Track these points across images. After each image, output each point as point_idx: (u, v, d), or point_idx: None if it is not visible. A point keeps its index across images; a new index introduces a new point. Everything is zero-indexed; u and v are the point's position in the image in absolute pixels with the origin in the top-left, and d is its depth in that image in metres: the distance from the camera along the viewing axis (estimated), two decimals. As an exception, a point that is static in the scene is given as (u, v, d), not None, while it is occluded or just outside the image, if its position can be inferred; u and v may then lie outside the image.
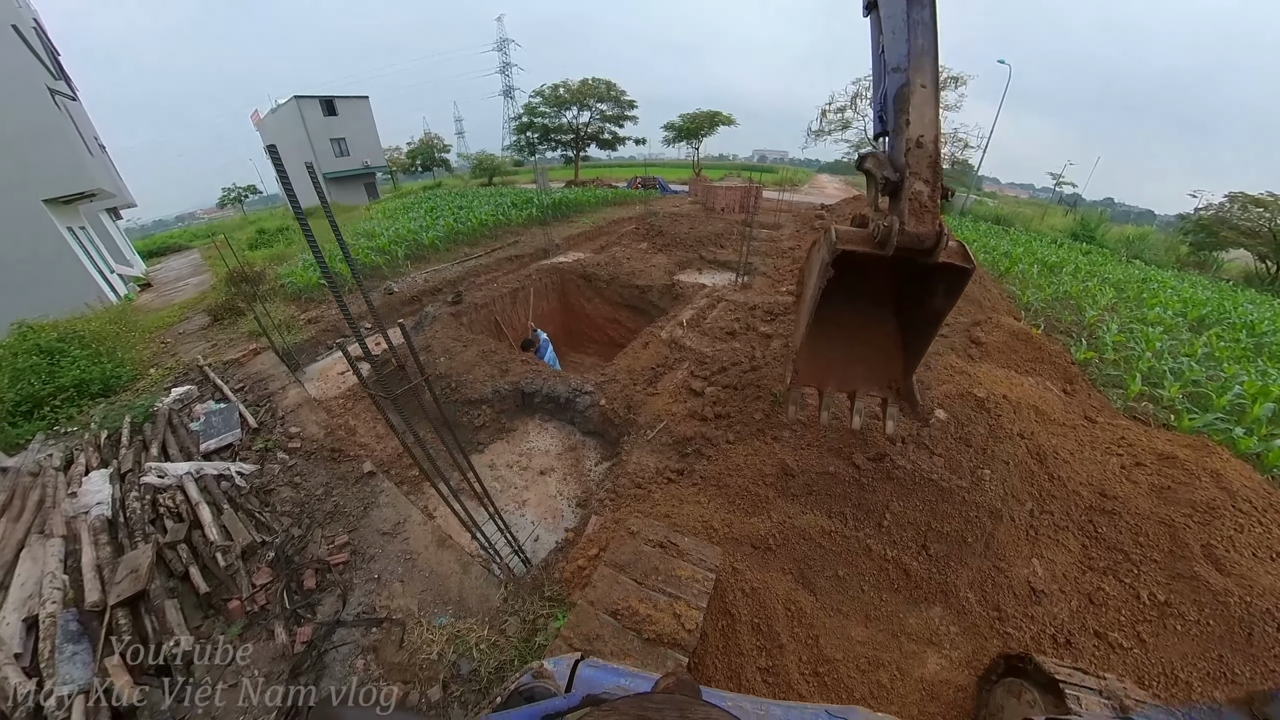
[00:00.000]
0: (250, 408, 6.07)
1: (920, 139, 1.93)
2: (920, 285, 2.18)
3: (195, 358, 7.72)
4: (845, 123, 28.76)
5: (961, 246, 1.93)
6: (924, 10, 1.99)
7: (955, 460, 3.06)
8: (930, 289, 2.11)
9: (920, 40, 1.99)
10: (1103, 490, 3.01)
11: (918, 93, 1.95)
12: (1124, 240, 26.85)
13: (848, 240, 1.97)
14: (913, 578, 2.64)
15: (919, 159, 1.92)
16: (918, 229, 1.86)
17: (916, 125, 1.94)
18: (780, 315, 7.00)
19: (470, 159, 45.72)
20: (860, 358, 2.40)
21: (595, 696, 0.88)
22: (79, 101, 17.23)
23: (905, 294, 2.38)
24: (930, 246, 1.86)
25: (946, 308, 2.05)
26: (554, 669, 1.06)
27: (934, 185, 1.90)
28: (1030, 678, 2.24)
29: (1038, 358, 4.95)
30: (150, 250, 23.60)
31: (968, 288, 2.94)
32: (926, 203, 1.88)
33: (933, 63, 1.99)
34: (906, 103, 1.97)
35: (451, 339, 6.61)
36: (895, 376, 2.36)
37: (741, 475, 3.41)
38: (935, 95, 1.97)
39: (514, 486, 4.62)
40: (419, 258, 11.82)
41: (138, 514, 4.28)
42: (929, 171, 1.91)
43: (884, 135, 2.23)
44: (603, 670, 1.09)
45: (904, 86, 2.00)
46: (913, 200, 1.89)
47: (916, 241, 1.87)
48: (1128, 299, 11.14)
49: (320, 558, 3.78)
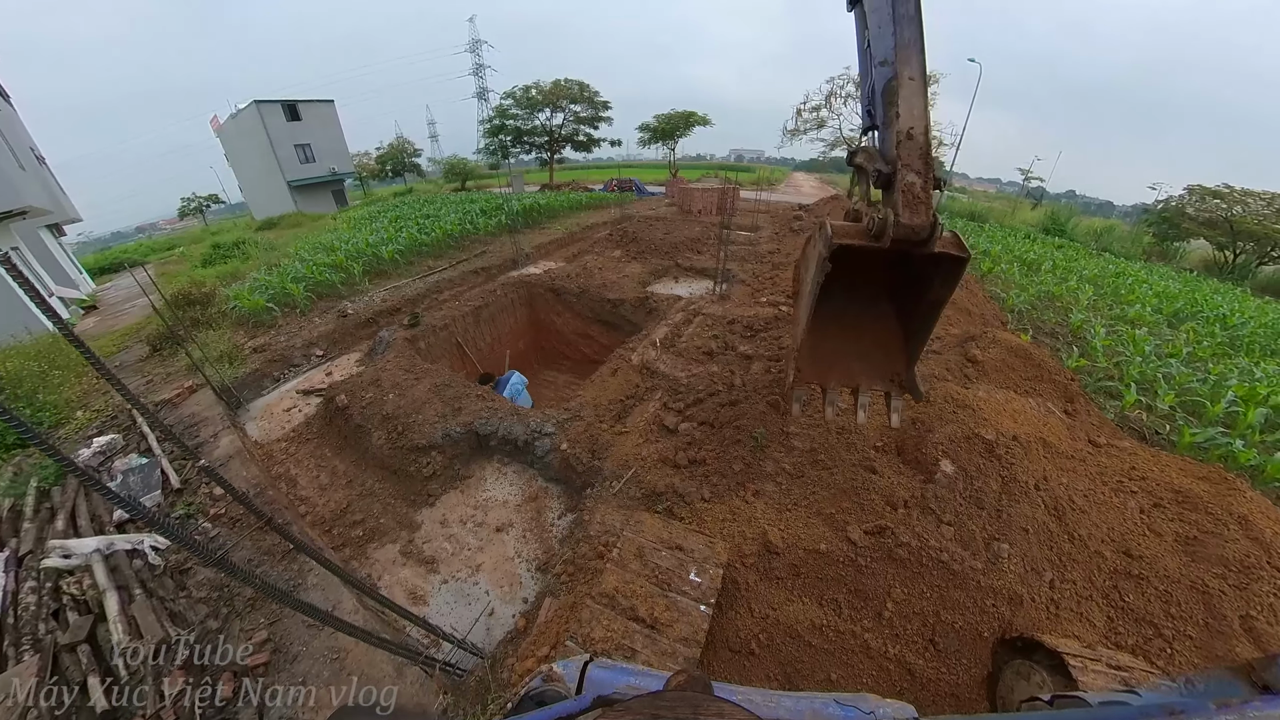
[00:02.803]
0: (175, 462, 5.42)
1: (910, 131, 1.91)
2: (917, 276, 2.15)
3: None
4: (820, 121, 28.73)
5: (955, 236, 1.93)
6: (909, 4, 1.96)
7: (967, 531, 2.67)
8: (928, 279, 2.08)
9: (907, 33, 1.95)
10: (1127, 548, 2.66)
11: (906, 85, 1.93)
12: (1093, 233, 27.42)
13: (843, 235, 1.95)
14: (918, 678, 2.23)
15: (910, 150, 1.90)
16: (912, 220, 1.85)
17: (906, 117, 1.91)
18: (761, 330, 6.60)
19: (442, 164, 44.54)
20: (861, 353, 2.42)
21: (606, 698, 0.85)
22: (11, 110, 16.05)
23: (903, 286, 2.32)
24: (925, 237, 1.85)
25: (945, 297, 2.04)
26: (564, 671, 1.04)
27: (926, 176, 1.88)
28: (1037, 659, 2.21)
29: (1036, 376, 4.64)
30: (102, 267, 22.21)
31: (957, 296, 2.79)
32: (919, 194, 1.86)
33: (919, 55, 1.96)
34: (895, 95, 1.94)
35: (404, 371, 6.04)
36: (898, 369, 2.38)
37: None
38: (923, 87, 1.95)
39: (467, 548, 4.11)
40: (379, 273, 11.13)
41: (32, 610, 3.67)
42: (920, 163, 1.88)
43: (872, 129, 2.24)
44: (613, 670, 1.07)
45: (892, 80, 1.97)
46: (905, 192, 1.87)
47: (911, 233, 1.85)
48: (1105, 295, 11.14)
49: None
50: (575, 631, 2.20)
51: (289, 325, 8.89)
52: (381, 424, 5.25)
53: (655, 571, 2.45)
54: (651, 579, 2.41)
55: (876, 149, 2.17)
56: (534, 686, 1.01)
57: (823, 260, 1.99)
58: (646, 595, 2.33)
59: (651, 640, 2.15)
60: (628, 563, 2.48)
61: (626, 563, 2.48)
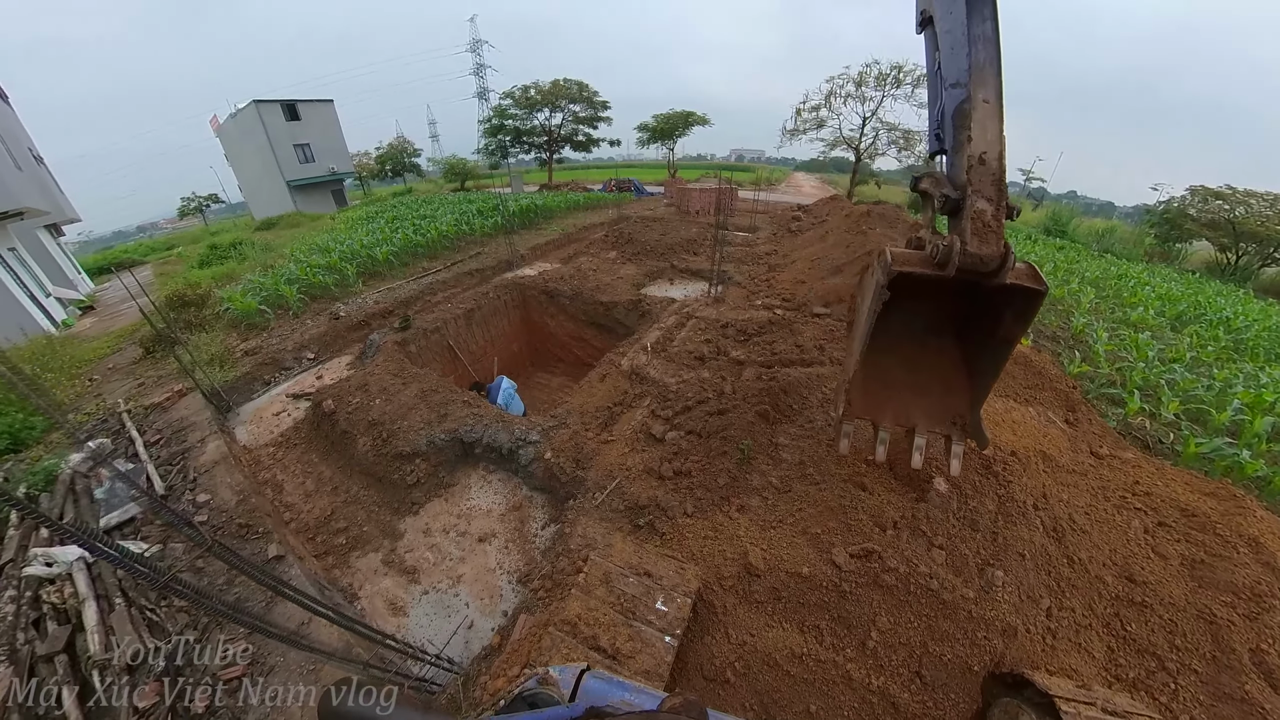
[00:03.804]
0: (162, 467, 5.36)
1: (984, 155, 1.80)
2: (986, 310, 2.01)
3: (117, 401, 6.94)
4: (820, 121, 28.53)
5: (1031, 267, 1.82)
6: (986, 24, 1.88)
7: (960, 556, 2.54)
8: (997, 314, 1.95)
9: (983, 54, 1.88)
10: (1129, 573, 2.54)
11: (980, 108, 1.83)
12: (1094, 234, 27.18)
13: (904, 262, 1.86)
14: (902, 713, 2.11)
15: (982, 176, 1.79)
16: (981, 249, 1.73)
17: (979, 141, 1.81)
18: (755, 335, 6.49)
19: (441, 164, 44.44)
20: (921, 390, 2.27)
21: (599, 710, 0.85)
22: (9, 109, 16.04)
23: (970, 321, 2.18)
24: (995, 268, 1.73)
25: (1018, 334, 1.91)
26: (559, 676, 1.03)
27: (999, 204, 1.77)
28: (1026, 696, 2.04)
29: (1037, 383, 4.51)
30: (102, 266, 22.21)
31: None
32: (990, 222, 1.74)
33: (996, 77, 1.87)
34: (968, 118, 1.85)
35: (392, 375, 5.96)
36: (960, 411, 2.23)
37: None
38: (999, 110, 1.83)
39: (449, 558, 4.02)
40: (373, 274, 11.06)
41: (11, 620, 3.61)
42: (993, 189, 1.77)
43: (940, 154, 2.12)
44: (608, 683, 1.06)
45: (964, 102, 1.88)
46: (975, 219, 1.76)
47: (980, 262, 1.73)
48: (1107, 298, 10.99)
49: (212, 673, 3.16)
50: (535, 659, 2.10)
51: (281, 328, 8.83)
52: (367, 430, 5.17)
53: (620, 599, 2.34)
54: (616, 606, 2.30)
55: (944, 174, 2.04)
56: (528, 687, 1.01)
57: (880, 288, 1.87)
58: (610, 624, 2.23)
59: (612, 672, 2.04)
60: (593, 589, 2.37)
61: (592, 589, 2.37)
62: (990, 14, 1.89)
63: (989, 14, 1.89)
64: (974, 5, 1.89)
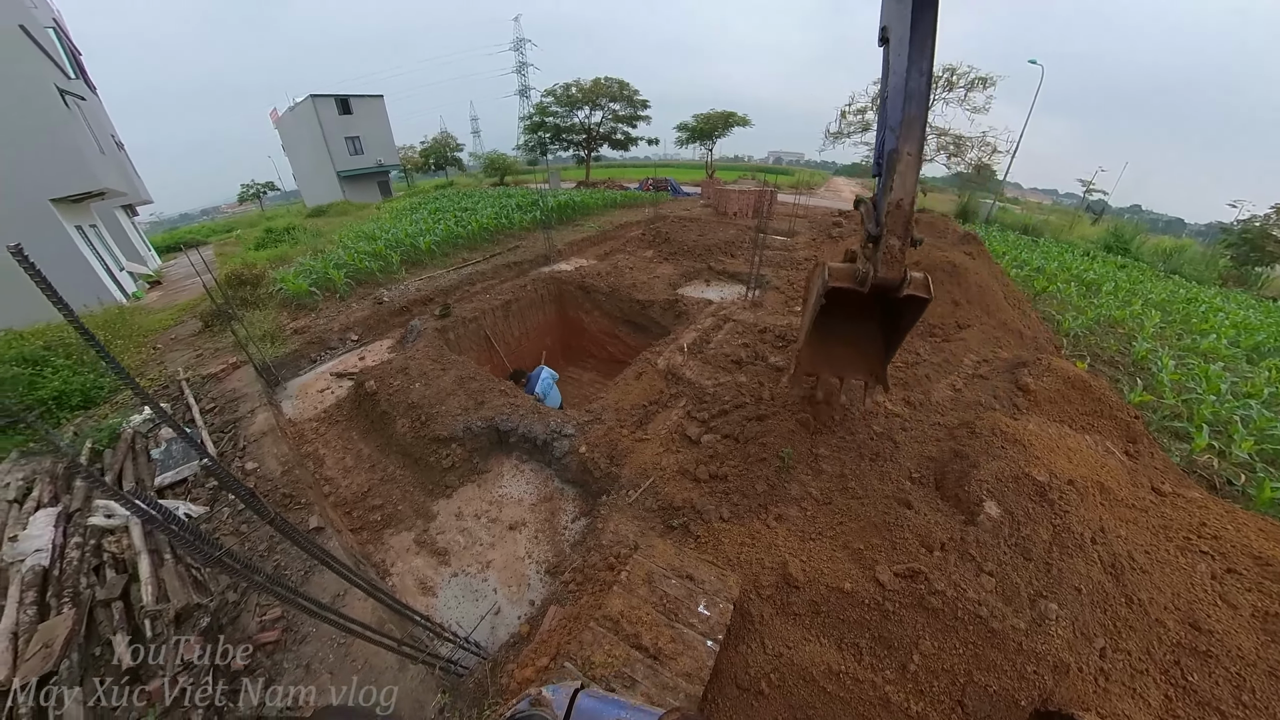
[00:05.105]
0: (215, 434, 5.66)
1: (900, 202, 2.33)
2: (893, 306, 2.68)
3: (177, 370, 7.38)
4: (866, 124, 27.60)
5: (925, 278, 2.44)
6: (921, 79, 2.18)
7: (1011, 584, 2.41)
8: (900, 311, 2.69)
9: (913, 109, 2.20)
10: (1193, 620, 2.36)
11: (904, 160, 2.27)
12: (1161, 253, 25.32)
13: (837, 278, 2.57)
14: (943, 742, 2.03)
15: (896, 219, 2.35)
16: (887, 274, 2.41)
17: (898, 190, 2.31)
18: (795, 341, 6.36)
19: (482, 158, 45.49)
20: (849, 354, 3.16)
21: None
22: (96, 100, 17.26)
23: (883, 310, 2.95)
24: (897, 285, 2.42)
25: (911, 323, 2.71)
26: (552, 697, 1.02)
27: (904, 240, 2.39)
28: None
29: (1095, 411, 4.24)
30: (169, 245, 23.72)
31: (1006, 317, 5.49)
32: (897, 254, 2.39)
33: (921, 132, 2.26)
34: (894, 167, 2.30)
35: (431, 361, 6.12)
36: (876, 368, 3.10)
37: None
38: (918, 163, 2.30)
39: (479, 543, 4.09)
40: (415, 262, 11.40)
41: (75, 565, 3.88)
42: (902, 229, 2.37)
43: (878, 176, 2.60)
44: (603, 701, 1.05)
45: (894, 151, 2.30)
46: (887, 251, 2.38)
47: (887, 283, 2.43)
48: (1174, 323, 10.27)
49: (251, 635, 3.31)
50: (575, 653, 2.10)
51: (328, 309, 9.21)
52: (406, 412, 5.32)
53: (663, 599, 2.34)
54: (659, 607, 2.29)
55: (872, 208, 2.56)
56: (520, 710, 1.01)
57: (819, 296, 2.62)
58: (652, 623, 2.23)
59: (653, 671, 2.04)
60: (636, 587, 2.37)
61: (634, 587, 2.37)
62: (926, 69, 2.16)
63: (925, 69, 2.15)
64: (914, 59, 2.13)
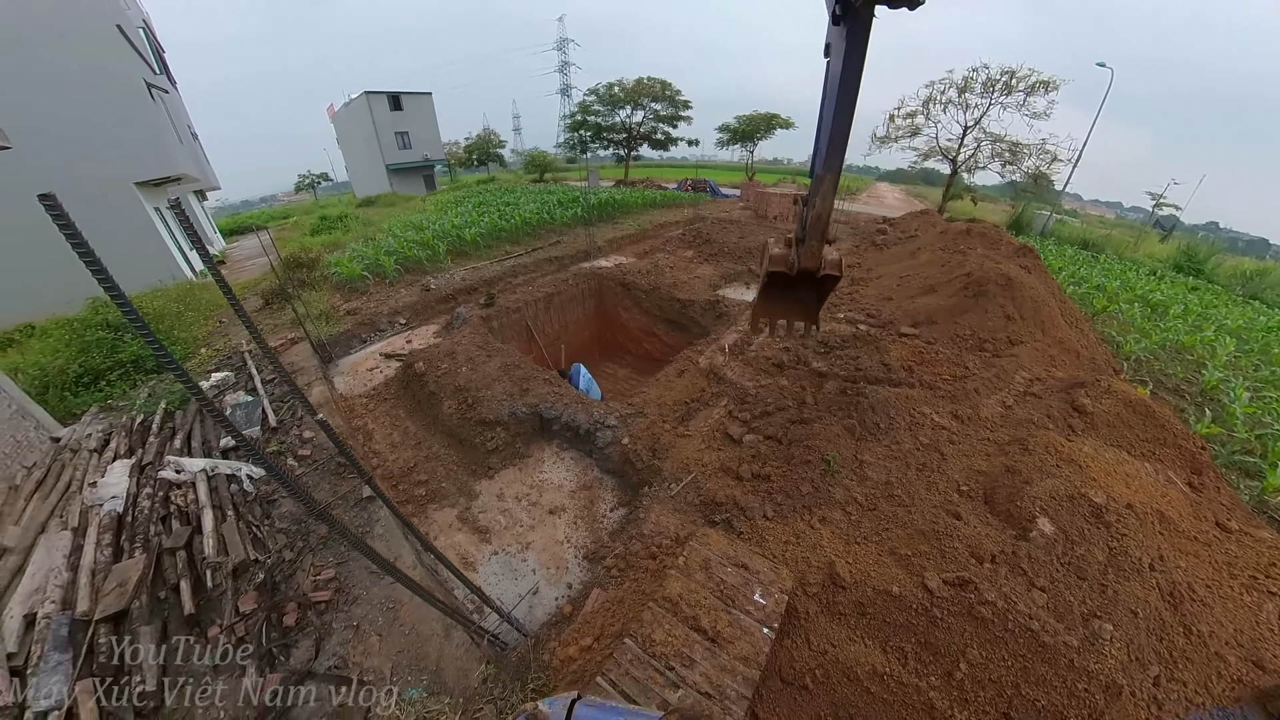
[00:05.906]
0: (275, 403, 6.01)
1: (819, 215, 3.09)
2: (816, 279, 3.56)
3: (240, 342, 7.87)
4: (915, 129, 26.50)
5: (838, 259, 3.43)
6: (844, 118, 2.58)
7: (1064, 601, 2.33)
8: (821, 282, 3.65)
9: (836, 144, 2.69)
10: (1257, 658, 2.21)
11: (825, 183, 2.89)
12: (1240, 275, 23.34)
13: (775, 263, 3.58)
14: (991, 755, 1.99)
15: (815, 227, 3.17)
16: (807, 263, 3.37)
17: (819, 207, 3.04)
18: (837, 348, 6.25)
19: (523, 155, 46.39)
20: (791, 308, 4.07)
21: None
22: (176, 94, 18.57)
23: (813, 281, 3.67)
24: (815, 268, 3.38)
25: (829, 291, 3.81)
26: (549, 710, 1.02)
27: (820, 239, 3.29)
28: None
29: (1157, 439, 4.01)
30: (232, 229, 25.27)
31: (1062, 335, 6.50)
32: (815, 249, 3.31)
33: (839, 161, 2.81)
34: (817, 188, 2.96)
35: (477, 347, 6.32)
36: (810, 318, 4.09)
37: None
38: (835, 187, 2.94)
39: (520, 524, 4.22)
40: (461, 253, 11.77)
41: (146, 513, 4.20)
42: (818, 235, 3.23)
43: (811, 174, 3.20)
44: (600, 710, 1.04)
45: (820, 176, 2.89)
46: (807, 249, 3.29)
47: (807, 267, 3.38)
48: (1251, 352, 9.52)
49: (304, 593, 3.51)
50: (636, 632, 2.16)
51: (378, 293, 9.62)
52: (453, 394, 5.52)
53: (720, 586, 2.37)
54: (716, 593, 2.33)
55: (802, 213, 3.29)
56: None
57: (764, 275, 3.72)
58: (710, 608, 2.27)
59: (711, 653, 2.07)
60: (693, 572, 2.41)
61: (692, 572, 2.41)
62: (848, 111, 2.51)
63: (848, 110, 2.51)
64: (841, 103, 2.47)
